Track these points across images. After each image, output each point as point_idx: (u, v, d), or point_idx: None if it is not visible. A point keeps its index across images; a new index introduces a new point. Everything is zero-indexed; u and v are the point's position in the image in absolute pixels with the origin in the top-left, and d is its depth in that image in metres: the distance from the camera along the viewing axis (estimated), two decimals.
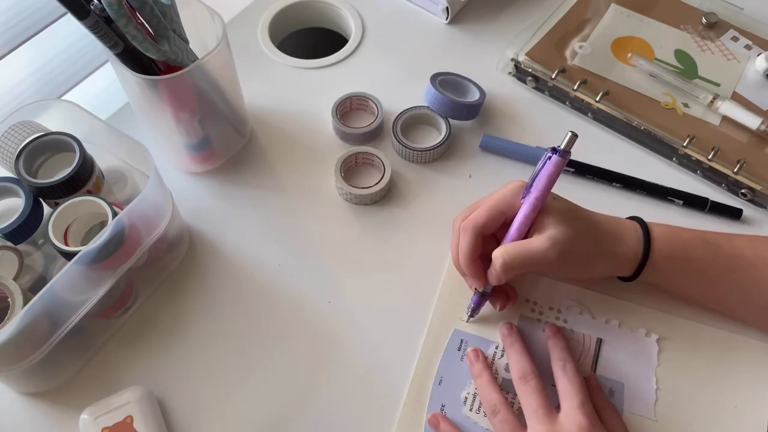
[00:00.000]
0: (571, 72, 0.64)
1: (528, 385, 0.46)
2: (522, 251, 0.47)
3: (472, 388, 0.49)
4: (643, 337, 0.52)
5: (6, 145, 0.50)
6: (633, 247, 0.49)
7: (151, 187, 0.46)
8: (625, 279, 0.51)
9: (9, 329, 0.41)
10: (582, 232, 0.48)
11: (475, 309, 0.51)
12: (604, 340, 0.51)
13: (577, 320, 0.52)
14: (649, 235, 0.49)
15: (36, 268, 0.50)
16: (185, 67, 0.49)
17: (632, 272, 0.50)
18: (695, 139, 0.59)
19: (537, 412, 0.44)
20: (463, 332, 0.52)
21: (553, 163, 0.47)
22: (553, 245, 0.46)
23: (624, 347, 0.51)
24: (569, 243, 0.47)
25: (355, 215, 0.58)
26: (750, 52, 0.67)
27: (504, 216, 0.49)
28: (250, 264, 0.56)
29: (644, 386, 0.50)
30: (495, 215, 0.48)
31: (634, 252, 0.49)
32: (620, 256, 0.49)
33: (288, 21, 0.73)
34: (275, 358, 0.51)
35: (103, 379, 0.50)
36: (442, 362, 0.51)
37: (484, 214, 0.48)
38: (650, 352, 0.51)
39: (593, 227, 0.49)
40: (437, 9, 0.71)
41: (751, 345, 0.51)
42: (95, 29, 0.45)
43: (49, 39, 0.63)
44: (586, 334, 0.52)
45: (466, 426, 0.48)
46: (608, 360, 0.51)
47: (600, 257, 0.49)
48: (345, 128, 0.61)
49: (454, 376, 0.50)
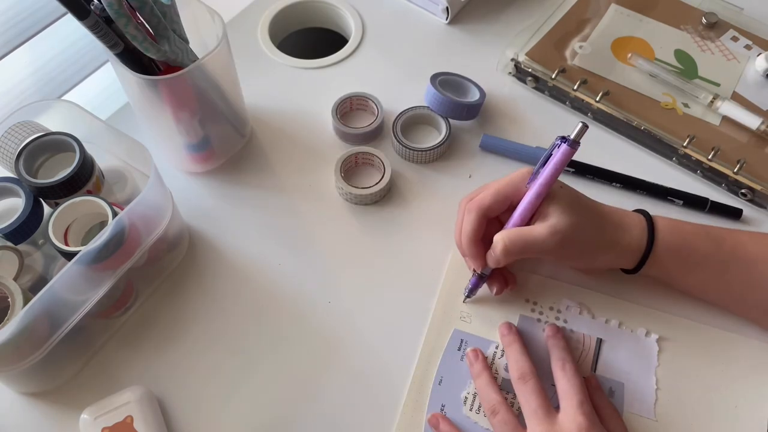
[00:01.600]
0: (571, 72, 0.64)
1: (527, 386, 0.46)
2: (523, 237, 0.47)
3: (472, 388, 0.49)
4: (643, 337, 0.52)
5: (6, 145, 0.50)
6: (636, 239, 0.49)
7: (151, 187, 0.46)
8: (627, 271, 0.52)
9: (9, 329, 0.41)
10: (585, 222, 0.48)
11: (473, 290, 0.52)
12: (604, 340, 0.51)
13: (577, 320, 0.52)
14: (654, 227, 0.49)
15: (36, 268, 0.50)
16: (185, 67, 0.49)
17: (635, 264, 0.50)
18: (695, 139, 0.59)
19: (536, 412, 0.45)
20: (463, 332, 0.52)
21: (561, 152, 0.47)
22: (553, 234, 0.47)
23: (624, 347, 0.51)
24: (570, 232, 0.47)
25: (355, 215, 0.58)
26: (750, 52, 0.67)
27: (509, 200, 0.49)
28: (250, 264, 0.56)
29: (644, 386, 0.50)
30: (500, 199, 0.49)
31: (637, 243, 0.49)
32: (623, 247, 0.49)
33: (288, 21, 0.73)
34: (275, 358, 0.51)
35: (103, 379, 0.50)
36: (442, 362, 0.51)
37: (490, 197, 0.49)
38: (650, 352, 0.51)
39: (597, 217, 0.49)
40: (437, 9, 0.71)
41: (751, 345, 0.51)
42: (95, 29, 0.45)
43: (49, 39, 0.63)
44: (586, 334, 0.52)
45: (466, 426, 0.48)
46: (608, 360, 0.51)
47: (602, 248, 0.49)
48: (345, 128, 0.61)
49: (454, 376, 0.50)
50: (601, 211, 0.50)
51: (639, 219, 0.50)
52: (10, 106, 0.61)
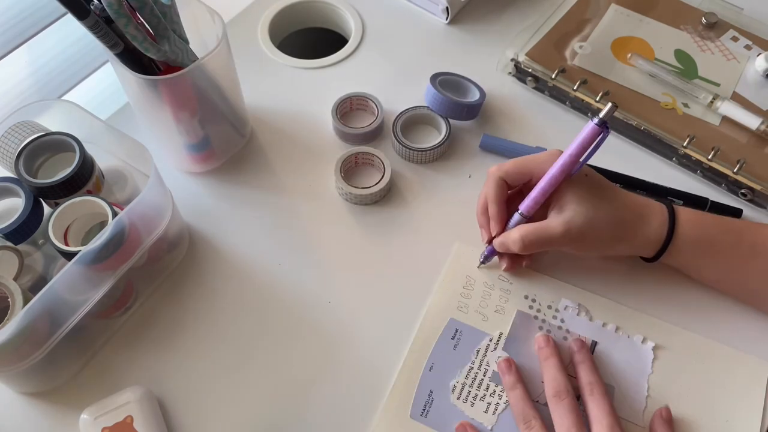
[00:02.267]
0: (571, 72, 0.64)
1: (562, 403, 0.46)
2: (539, 233, 0.49)
3: (462, 377, 0.50)
4: (639, 344, 0.51)
5: (6, 145, 0.50)
6: (656, 231, 0.50)
7: (151, 187, 0.46)
8: (647, 259, 0.52)
9: (9, 329, 0.41)
10: (601, 216, 0.49)
11: (488, 256, 0.54)
12: (598, 343, 0.51)
13: (574, 321, 0.52)
14: (675, 218, 0.50)
15: (36, 268, 0.50)
16: (185, 67, 0.49)
17: (654, 253, 0.51)
18: (695, 139, 0.59)
19: (570, 430, 0.44)
20: (459, 322, 0.52)
21: (587, 130, 0.47)
22: (568, 231, 0.48)
23: (619, 352, 0.51)
24: (585, 227, 0.48)
25: (355, 215, 0.58)
26: (750, 52, 0.67)
27: (530, 173, 0.51)
28: (250, 264, 0.56)
29: (635, 392, 0.49)
30: (522, 169, 0.51)
31: (657, 235, 0.50)
32: (642, 239, 0.50)
33: (288, 21, 0.73)
34: (275, 358, 0.51)
35: (103, 379, 0.50)
36: (435, 349, 0.51)
37: (512, 164, 0.51)
38: (645, 359, 0.51)
39: (617, 210, 0.50)
40: (437, 9, 0.71)
41: (749, 361, 0.51)
42: (95, 29, 0.45)
43: (49, 39, 0.63)
44: (581, 335, 0.52)
45: (452, 414, 0.48)
46: (602, 362, 0.51)
47: (619, 240, 0.50)
48: (345, 128, 0.61)
49: (445, 363, 0.50)
50: (623, 203, 0.50)
51: (661, 210, 0.50)
52: (10, 106, 0.61)
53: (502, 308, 0.53)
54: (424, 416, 0.48)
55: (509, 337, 0.52)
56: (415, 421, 0.48)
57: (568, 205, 0.49)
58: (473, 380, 0.50)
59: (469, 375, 0.50)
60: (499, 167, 0.51)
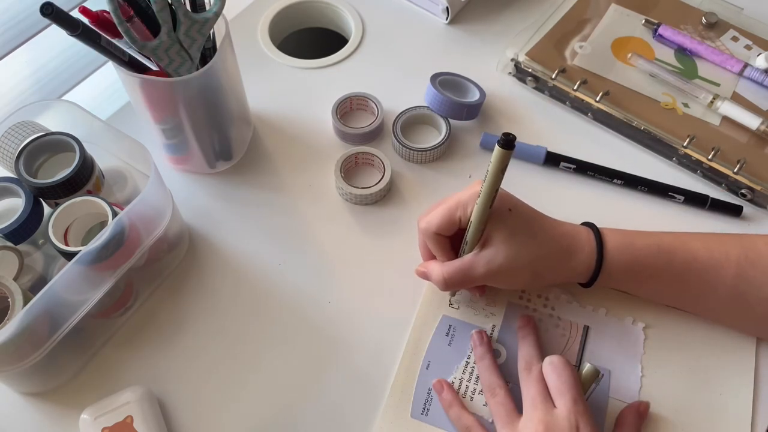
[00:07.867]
0: (571, 72, 0.64)
1: (531, 376, 0.46)
2: (462, 272, 0.48)
3: (459, 373, 0.50)
4: (630, 325, 0.52)
5: (6, 145, 0.50)
6: (585, 261, 0.49)
7: (151, 187, 0.46)
8: (582, 284, 0.52)
9: (9, 329, 0.41)
10: (524, 255, 0.48)
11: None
12: (591, 328, 0.52)
13: (564, 308, 0.53)
14: (602, 247, 0.49)
15: (36, 268, 0.50)
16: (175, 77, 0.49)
17: (586, 281, 0.50)
18: (695, 139, 0.59)
19: (534, 399, 0.45)
20: (451, 318, 0.52)
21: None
22: (488, 270, 0.48)
23: (610, 335, 0.52)
24: (506, 265, 0.47)
25: (355, 215, 0.58)
26: (750, 52, 0.67)
27: (458, 220, 0.48)
28: (250, 264, 0.56)
29: (630, 373, 0.50)
30: (450, 218, 0.48)
31: (586, 265, 0.49)
32: (570, 271, 0.50)
33: (288, 21, 0.73)
34: (275, 358, 0.51)
35: (103, 379, 0.50)
36: (430, 347, 0.51)
37: (439, 217, 0.48)
38: (636, 340, 0.52)
39: (542, 245, 0.48)
40: (437, 9, 0.71)
41: (736, 335, 0.52)
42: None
43: (49, 39, 0.63)
44: (573, 321, 0.52)
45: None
46: (595, 347, 0.51)
47: (548, 273, 0.50)
48: (345, 128, 0.61)
49: (441, 360, 0.51)
50: (549, 236, 0.49)
51: (588, 239, 0.49)
52: (10, 106, 0.61)
53: (493, 301, 0.53)
54: (425, 415, 0.49)
55: (502, 329, 0.52)
56: (416, 421, 0.48)
57: (491, 243, 0.47)
58: (471, 375, 0.50)
59: (466, 370, 0.50)
60: (428, 222, 0.48)
